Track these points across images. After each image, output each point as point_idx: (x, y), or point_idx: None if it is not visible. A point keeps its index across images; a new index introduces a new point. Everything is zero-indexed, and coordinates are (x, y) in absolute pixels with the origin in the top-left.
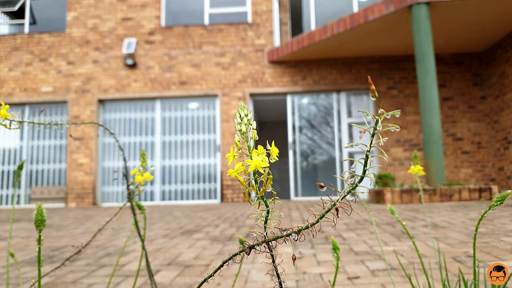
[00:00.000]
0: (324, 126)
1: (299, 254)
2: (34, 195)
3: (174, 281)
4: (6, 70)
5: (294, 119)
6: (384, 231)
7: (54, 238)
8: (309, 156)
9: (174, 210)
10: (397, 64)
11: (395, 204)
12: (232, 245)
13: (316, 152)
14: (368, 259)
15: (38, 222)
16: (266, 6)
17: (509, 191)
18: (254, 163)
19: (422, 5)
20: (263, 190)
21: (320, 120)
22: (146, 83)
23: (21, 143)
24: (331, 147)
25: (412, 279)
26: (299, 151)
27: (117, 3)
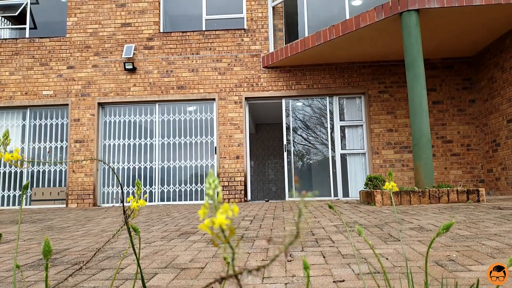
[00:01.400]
0: (318, 128)
1: (289, 257)
2: (35, 196)
3: (170, 284)
4: (8, 74)
5: (288, 121)
6: (371, 234)
7: (55, 240)
8: (303, 157)
9: (172, 211)
10: (388, 68)
11: (385, 206)
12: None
13: (311, 153)
14: (354, 262)
15: (46, 252)
16: (262, 13)
17: (453, 221)
18: (218, 221)
19: (412, 12)
20: (227, 240)
21: (314, 122)
22: (145, 87)
23: (22, 145)
24: (325, 148)
25: (395, 283)
26: (294, 152)
27: (116, 9)
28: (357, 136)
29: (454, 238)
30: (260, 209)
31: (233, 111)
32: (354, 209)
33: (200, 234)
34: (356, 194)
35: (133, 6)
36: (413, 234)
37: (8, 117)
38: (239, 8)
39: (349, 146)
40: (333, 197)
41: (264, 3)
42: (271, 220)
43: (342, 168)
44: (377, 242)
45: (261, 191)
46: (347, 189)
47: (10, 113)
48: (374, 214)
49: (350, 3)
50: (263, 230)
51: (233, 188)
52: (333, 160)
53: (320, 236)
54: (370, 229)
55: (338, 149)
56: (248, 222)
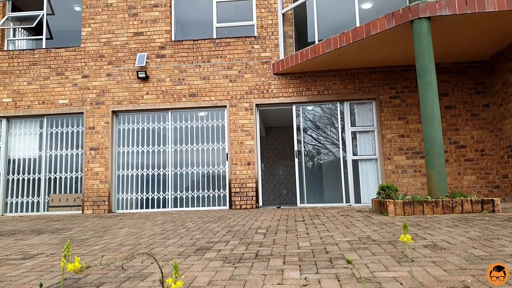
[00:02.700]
0: (329, 134)
1: (305, 280)
2: (53, 203)
3: None
4: (25, 84)
5: (299, 127)
6: (385, 252)
7: (76, 257)
8: (315, 163)
9: (186, 220)
10: (399, 73)
11: (398, 216)
12: (242, 268)
13: (322, 159)
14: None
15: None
16: (272, 20)
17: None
18: None
19: (423, 20)
20: None
21: (325, 128)
22: (158, 95)
23: (40, 153)
24: (336, 154)
25: None
26: (305, 157)
27: (129, 19)
28: (368, 142)
29: (469, 259)
30: (273, 219)
31: (244, 118)
32: (366, 220)
33: (215, 251)
34: (368, 200)
35: (145, 15)
36: (427, 254)
37: (26, 126)
38: (249, 15)
39: (360, 151)
40: (345, 203)
41: (274, 10)
42: (284, 234)
43: (354, 174)
44: (391, 263)
45: (272, 194)
46: (359, 195)
47: (28, 122)
48: (387, 227)
49: (360, 7)
50: (277, 247)
51: (245, 194)
52: (344, 165)
53: (334, 254)
54: (383, 246)
55: (349, 154)
56: (262, 235)
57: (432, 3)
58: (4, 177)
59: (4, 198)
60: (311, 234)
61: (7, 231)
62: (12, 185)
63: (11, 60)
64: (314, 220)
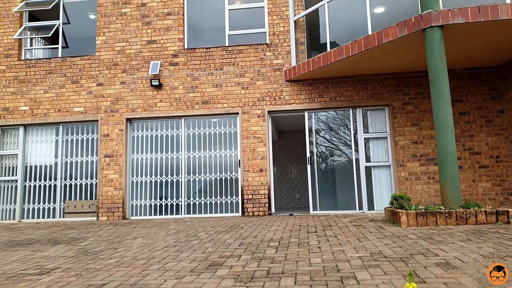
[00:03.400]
0: (341, 140)
1: None
2: (68, 209)
3: None
4: (42, 92)
5: (311, 134)
6: (396, 271)
7: (91, 272)
8: (327, 169)
9: (198, 229)
10: (412, 80)
11: (411, 227)
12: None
13: (334, 165)
14: None
15: None
16: (284, 27)
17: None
18: None
19: (436, 28)
20: None
21: (338, 135)
22: (171, 102)
23: (56, 160)
24: (349, 160)
25: None
26: (317, 164)
27: (142, 27)
28: (381, 148)
29: (481, 280)
30: (285, 229)
31: (256, 125)
32: (379, 232)
33: (227, 267)
34: (382, 207)
35: (158, 23)
36: (439, 274)
37: (42, 133)
38: (261, 23)
39: (373, 158)
40: (358, 211)
41: (286, 17)
42: (296, 248)
43: (366, 181)
44: (402, 283)
45: (285, 198)
46: (372, 202)
47: (45, 129)
48: (400, 240)
49: (372, 11)
50: (288, 263)
51: (257, 201)
52: (357, 172)
53: (345, 273)
54: (394, 263)
55: (362, 161)
56: (274, 249)
57: (445, 12)
58: (22, 184)
59: (22, 204)
60: (323, 248)
61: (24, 240)
62: (29, 192)
63: (28, 69)
64: (326, 231)
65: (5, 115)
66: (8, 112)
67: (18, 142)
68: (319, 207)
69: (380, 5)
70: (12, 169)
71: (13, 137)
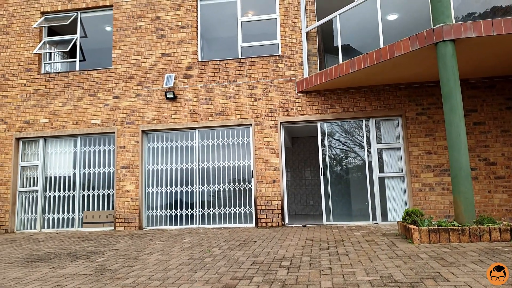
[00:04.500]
0: (354, 151)
1: None
2: (86, 219)
3: None
4: (61, 105)
5: (324, 144)
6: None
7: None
8: (341, 180)
9: (212, 244)
10: (425, 90)
11: (423, 243)
12: None
13: (348, 176)
14: None
15: None
16: (296, 38)
17: None
18: None
19: (448, 42)
20: None
21: (351, 145)
22: (185, 114)
23: (74, 171)
24: (362, 171)
25: None
26: (331, 175)
27: (157, 40)
28: (395, 159)
29: None
30: (297, 245)
31: (269, 136)
32: (390, 250)
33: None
34: (395, 217)
35: (173, 36)
36: None
37: (61, 145)
38: (274, 34)
39: (387, 169)
40: (372, 221)
41: (298, 29)
42: (308, 269)
43: (380, 191)
44: None
45: (299, 205)
46: (386, 213)
47: (63, 141)
48: (411, 261)
49: (385, 18)
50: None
51: (271, 212)
52: (371, 183)
53: None
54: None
55: (376, 172)
56: (285, 270)
57: (457, 25)
58: (42, 194)
59: (42, 214)
60: (334, 269)
61: (45, 254)
62: (49, 202)
63: (48, 82)
64: (338, 247)
65: (26, 128)
66: (28, 124)
67: (38, 154)
68: (332, 218)
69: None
70: (33, 180)
71: (34, 148)
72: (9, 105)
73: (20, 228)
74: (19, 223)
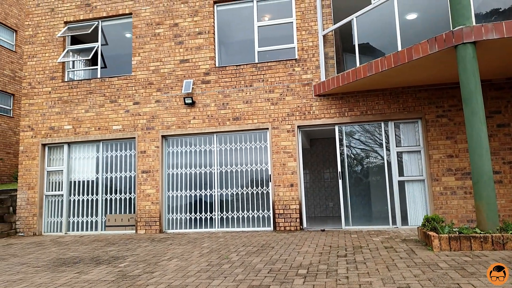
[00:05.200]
0: (373, 154)
1: None
2: (109, 222)
3: None
4: (83, 111)
5: (342, 148)
6: None
7: None
8: (360, 183)
9: (231, 249)
10: (446, 91)
11: (444, 251)
12: None
13: (368, 180)
14: None
15: None
16: (312, 42)
17: None
18: None
19: (468, 45)
20: None
21: (370, 148)
22: (203, 119)
23: (97, 175)
24: (382, 175)
25: None
26: (349, 178)
27: (175, 47)
28: (415, 162)
29: None
30: (315, 251)
31: (286, 140)
32: (409, 258)
33: None
34: (416, 222)
35: (190, 43)
36: None
37: (84, 150)
38: (290, 38)
39: (406, 172)
40: (392, 226)
41: (314, 32)
42: (324, 278)
43: (400, 195)
44: None
45: (318, 207)
46: (406, 217)
47: (86, 147)
48: (430, 270)
49: (404, 17)
50: None
51: (289, 216)
52: (390, 186)
53: None
54: None
55: (395, 175)
56: (302, 279)
57: (478, 27)
58: (67, 198)
59: (67, 218)
60: (351, 278)
61: (70, 259)
62: (74, 206)
63: (71, 90)
64: (356, 254)
65: (51, 134)
66: (53, 131)
67: (63, 159)
68: (351, 222)
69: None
70: (58, 184)
71: (58, 154)
72: (35, 112)
73: (47, 230)
74: (46, 226)
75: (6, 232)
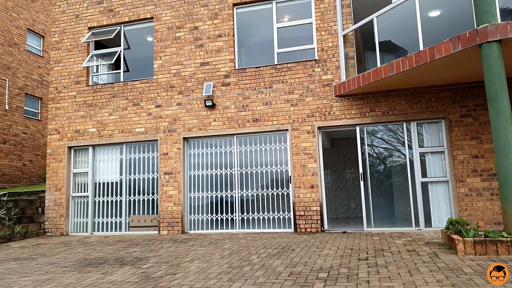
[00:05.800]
0: (396, 154)
1: None
2: (133, 223)
3: None
4: (107, 114)
5: (364, 148)
6: None
7: None
8: (382, 184)
9: (251, 251)
10: (470, 90)
11: (468, 255)
12: None
13: (390, 180)
14: None
15: None
16: (332, 42)
17: None
18: None
19: (493, 43)
20: None
21: (392, 148)
22: (224, 121)
23: (120, 177)
24: (404, 176)
25: None
26: (371, 179)
27: (195, 50)
28: (438, 163)
29: None
30: (336, 254)
31: (306, 141)
32: (432, 262)
33: None
34: (439, 224)
35: (210, 45)
36: None
37: (108, 152)
38: (310, 39)
39: (430, 173)
40: (415, 227)
41: (334, 32)
42: (345, 282)
43: (423, 197)
44: None
45: (340, 207)
46: (429, 219)
47: (110, 149)
48: (453, 275)
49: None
50: None
51: (309, 218)
52: (413, 188)
53: None
54: None
55: (418, 176)
56: (322, 283)
57: (503, 25)
58: (92, 199)
59: (93, 218)
60: (371, 283)
61: (95, 259)
62: (99, 207)
63: (95, 93)
64: (378, 258)
65: (77, 137)
66: (79, 134)
67: (88, 161)
68: (373, 224)
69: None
70: (83, 186)
71: (84, 156)
72: (61, 116)
73: (73, 231)
74: (72, 226)
75: (35, 232)
